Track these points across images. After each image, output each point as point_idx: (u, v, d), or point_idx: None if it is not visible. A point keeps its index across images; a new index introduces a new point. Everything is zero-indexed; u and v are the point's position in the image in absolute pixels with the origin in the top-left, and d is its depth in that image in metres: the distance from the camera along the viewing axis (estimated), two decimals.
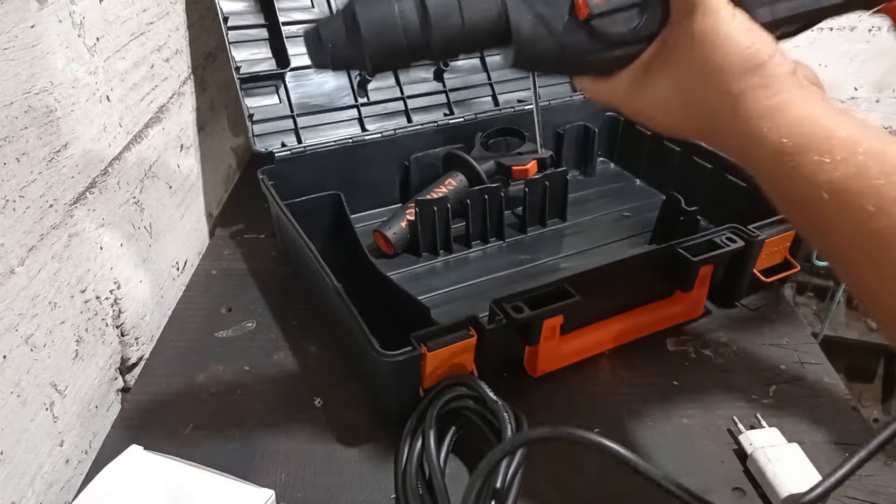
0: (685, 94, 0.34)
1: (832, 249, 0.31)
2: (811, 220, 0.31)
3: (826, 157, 0.29)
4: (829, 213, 0.29)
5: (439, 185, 0.73)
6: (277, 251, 0.72)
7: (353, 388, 0.54)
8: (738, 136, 0.33)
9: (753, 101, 0.32)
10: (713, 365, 0.57)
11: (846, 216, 0.29)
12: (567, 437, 0.38)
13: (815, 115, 0.31)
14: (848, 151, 0.29)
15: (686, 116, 0.35)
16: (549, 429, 0.40)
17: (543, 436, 0.40)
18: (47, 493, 0.44)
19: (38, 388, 0.43)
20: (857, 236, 0.29)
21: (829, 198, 0.29)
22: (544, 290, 0.51)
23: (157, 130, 0.61)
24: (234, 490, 0.41)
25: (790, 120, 0.31)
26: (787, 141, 0.31)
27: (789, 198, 0.32)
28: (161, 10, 0.62)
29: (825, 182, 0.29)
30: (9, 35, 0.39)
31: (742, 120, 0.32)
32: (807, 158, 0.30)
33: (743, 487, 0.46)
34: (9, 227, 0.39)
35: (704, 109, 0.34)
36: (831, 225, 0.30)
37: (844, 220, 0.29)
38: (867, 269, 0.29)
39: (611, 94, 0.38)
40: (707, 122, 0.34)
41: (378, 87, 0.78)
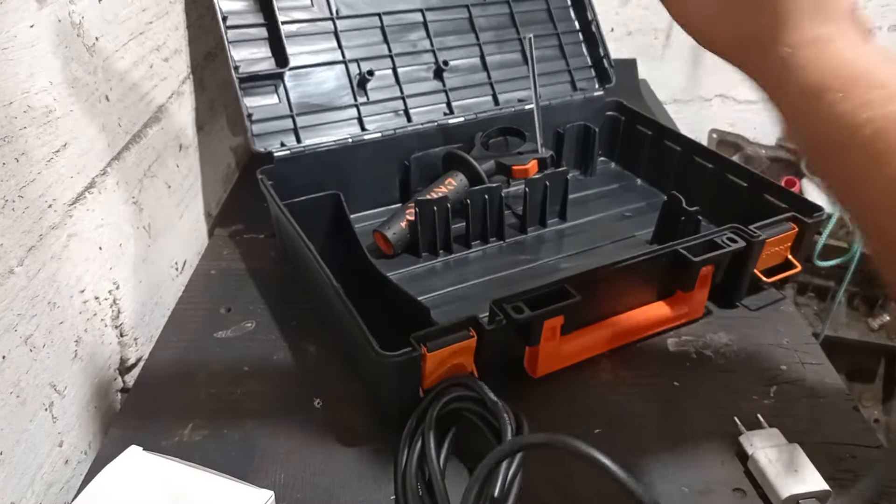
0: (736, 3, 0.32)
1: (859, 201, 0.29)
2: (841, 164, 0.29)
3: (875, 92, 0.27)
4: (866, 157, 0.27)
5: (439, 185, 0.73)
6: (277, 251, 0.72)
7: (353, 388, 0.54)
8: (777, 62, 0.30)
9: (802, 27, 0.30)
10: (714, 365, 0.56)
11: (885, 162, 0.27)
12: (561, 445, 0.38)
13: (865, 52, 0.29)
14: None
15: (727, 27, 0.33)
16: (547, 436, 0.40)
17: (541, 442, 0.40)
18: (47, 494, 0.44)
19: (38, 389, 0.43)
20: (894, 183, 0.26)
21: (870, 136, 0.27)
22: (544, 291, 0.51)
23: (156, 130, 0.61)
24: (233, 490, 0.41)
25: (838, 52, 0.29)
26: (831, 73, 0.28)
27: (821, 138, 0.29)
28: (160, 10, 0.62)
29: (868, 119, 0.27)
30: (8, 35, 0.39)
31: (786, 44, 0.30)
32: (852, 93, 0.28)
33: (743, 488, 0.46)
34: (8, 227, 0.39)
35: (747, 24, 0.32)
36: (864, 171, 0.28)
37: (881, 166, 0.27)
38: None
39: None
40: (746, 41, 0.32)
41: (378, 86, 0.78)
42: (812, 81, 0.29)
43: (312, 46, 0.75)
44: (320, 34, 0.76)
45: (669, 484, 0.46)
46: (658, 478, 0.47)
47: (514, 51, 0.85)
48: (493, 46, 0.84)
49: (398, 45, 0.79)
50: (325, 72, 0.75)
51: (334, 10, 0.76)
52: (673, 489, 0.46)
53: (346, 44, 0.77)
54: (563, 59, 0.87)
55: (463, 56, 0.82)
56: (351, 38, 0.77)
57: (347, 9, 0.77)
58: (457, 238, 0.72)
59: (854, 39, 0.29)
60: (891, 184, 0.27)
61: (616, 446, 0.48)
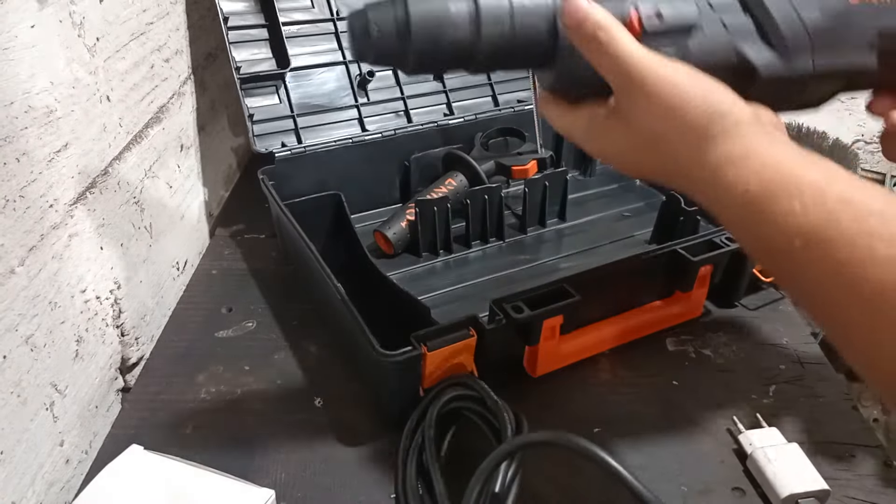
0: (642, 150, 0.34)
1: (810, 301, 0.29)
2: (785, 269, 0.30)
3: (796, 202, 0.28)
4: (803, 261, 0.28)
5: (439, 185, 0.73)
6: (277, 251, 0.72)
7: (353, 388, 0.54)
8: (704, 184, 0.32)
9: (716, 150, 0.31)
10: (713, 365, 0.57)
11: (821, 266, 0.28)
12: (565, 443, 0.38)
13: (782, 160, 0.30)
14: (817, 197, 0.28)
15: (647, 168, 0.35)
16: (549, 434, 0.40)
17: (542, 440, 0.40)
18: (47, 493, 0.44)
19: (39, 388, 0.43)
20: (836, 288, 0.27)
21: (801, 245, 0.28)
22: (544, 290, 0.51)
23: (157, 130, 0.61)
24: (234, 490, 0.41)
25: (756, 166, 0.30)
26: (753, 188, 0.29)
27: (761, 246, 0.30)
28: (161, 11, 0.62)
29: (795, 229, 0.28)
30: (9, 35, 0.39)
31: (706, 169, 0.31)
32: (776, 205, 0.29)
33: (743, 487, 0.46)
34: (9, 227, 0.39)
35: (666, 163, 0.33)
36: (806, 274, 0.28)
37: (819, 269, 0.28)
38: (853, 326, 0.27)
39: (570, 125, 0.38)
40: (670, 175, 0.34)
41: (378, 87, 0.78)
42: (738, 200, 0.30)
43: (313, 47, 0.75)
44: (321, 35, 0.76)
45: (669, 483, 0.46)
46: (658, 477, 0.47)
47: None
48: None
49: None
50: (325, 72, 0.75)
51: (335, 10, 0.77)
52: (672, 488, 0.46)
53: (346, 44, 0.77)
54: None
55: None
56: None
57: (348, 10, 0.77)
58: (457, 238, 0.72)
59: (767, 145, 0.30)
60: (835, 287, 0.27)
61: (615, 445, 0.49)
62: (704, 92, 0.31)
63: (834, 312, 0.28)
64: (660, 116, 0.32)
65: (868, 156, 1.22)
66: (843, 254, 0.27)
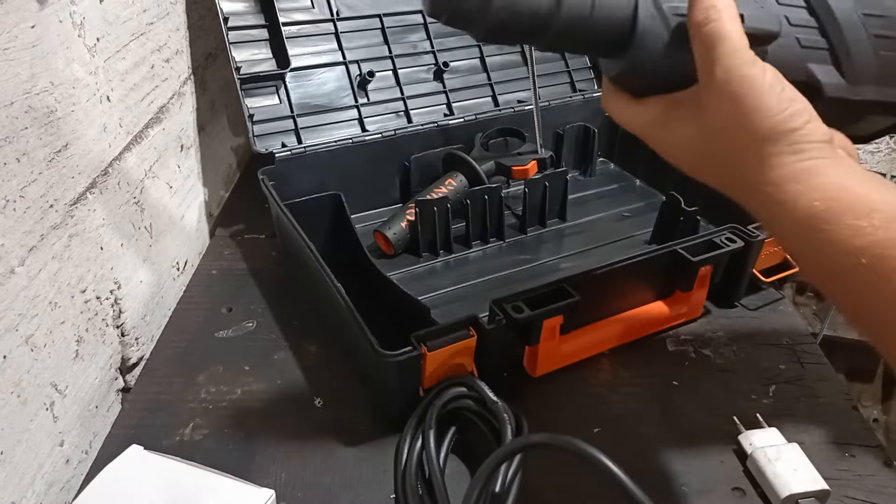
0: (709, 146, 0.33)
1: (870, 322, 0.29)
2: (846, 289, 0.29)
3: (864, 220, 0.28)
4: (867, 281, 0.28)
5: (439, 185, 0.73)
6: (277, 251, 0.72)
7: (353, 388, 0.54)
8: (765, 198, 0.31)
9: (782, 165, 0.30)
10: (713, 365, 0.57)
11: (887, 284, 0.27)
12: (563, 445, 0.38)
13: (850, 180, 0.29)
14: (888, 214, 0.27)
15: (710, 168, 0.34)
16: (548, 436, 0.40)
17: (541, 442, 0.41)
18: (47, 493, 0.44)
19: (39, 388, 0.43)
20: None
21: (868, 264, 0.27)
22: (544, 290, 0.51)
23: (157, 131, 0.61)
24: (234, 490, 0.41)
25: (823, 184, 0.29)
26: (819, 204, 0.29)
27: (822, 266, 0.30)
28: (161, 11, 0.62)
29: (863, 248, 0.27)
30: (9, 35, 0.39)
31: (769, 183, 0.31)
32: (842, 223, 0.28)
33: (743, 487, 0.46)
34: (9, 228, 0.39)
35: (730, 167, 0.33)
36: (868, 294, 0.28)
37: (884, 288, 0.27)
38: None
39: (634, 118, 0.37)
40: (731, 180, 0.33)
41: (378, 87, 0.78)
42: (801, 215, 0.29)
43: (313, 47, 0.75)
44: (321, 35, 0.76)
45: (669, 483, 0.46)
46: (658, 477, 0.47)
47: (513, 52, 0.86)
48: (493, 48, 0.84)
49: (399, 46, 0.79)
50: (325, 73, 0.76)
51: (335, 11, 0.77)
52: (673, 488, 0.46)
53: (346, 45, 0.77)
54: (562, 60, 0.88)
55: (463, 57, 0.83)
56: (352, 39, 0.77)
57: (348, 10, 0.77)
58: (457, 238, 0.72)
59: (835, 166, 0.30)
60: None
61: (615, 445, 0.48)
62: (785, 102, 0.31)
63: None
64: (736, 116, 0.31)
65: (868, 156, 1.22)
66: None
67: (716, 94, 0.31)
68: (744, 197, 0.33)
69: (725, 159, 0.33)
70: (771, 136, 0.30)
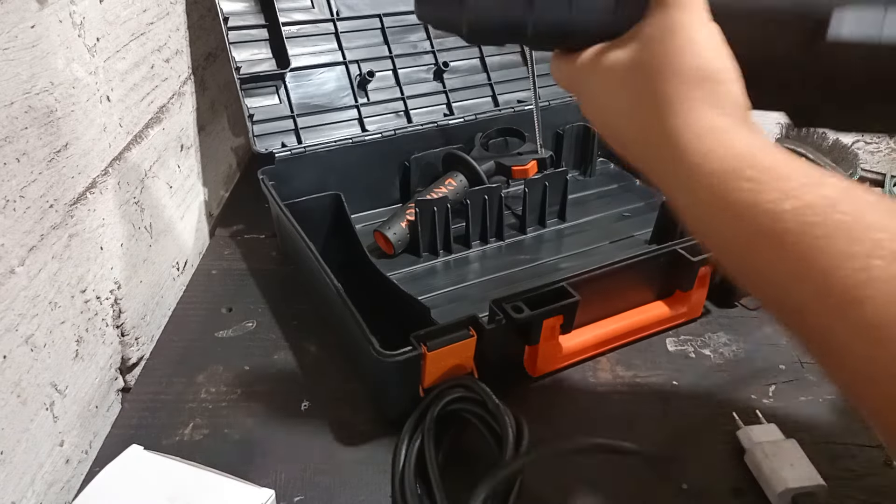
0: (636, 85, 0.32)
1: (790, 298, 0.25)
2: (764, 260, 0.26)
3: (793, 182, 0.25)
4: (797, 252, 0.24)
5: (439, 185, 0.73)
6: (277, 251, 0.72)
7: (354, 388, 0.54)
8: (682, 150, 0.29)
9: (704, 116, 0.29)
10: (713, 365, 0.57)
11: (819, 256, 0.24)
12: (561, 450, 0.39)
13: (764, 143, 0.28)
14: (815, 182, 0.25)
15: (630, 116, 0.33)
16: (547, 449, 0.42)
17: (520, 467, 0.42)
18: (47, 493, 0.44)
19: (39, 388, 0.43)
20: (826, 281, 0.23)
21: (797, 230, 0.24)
22: (544, 290, 0.51)
23: (157, 130, 0.61)
24: (234, 490, 0.41)
25: (744, 141, 0.28)
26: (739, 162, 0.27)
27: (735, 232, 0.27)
28: (161, 11, 0.62)
29: (793, 210, 0.25)
30: (9, 35, 0.39)
31: (690, 132, 0.29)
32: (769, 183, 0.26)
33: (742, 485, 0.46)
34: (9, 228, 0.39)
35: (651, 111, 0.31)
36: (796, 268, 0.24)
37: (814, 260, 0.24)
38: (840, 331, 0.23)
39: (570, 72, 0.36)
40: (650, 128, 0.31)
41: (378, 87, 0.78)
42: (717, 169, 0.27)
43: (313, 47, 0.75)
44: (321, 35, 0.76)
45: (669, 483, 0.46)
46: (657, 476, 0.47)
47: (513, 52, 0.86)
48: (494, 48, 0.84)
49: (398, 46, 0.79)
50: (325, 73, 0.76)
51: (335, 11, 0.77)
52: (673, 487, 0.46)
53: (346, 45, 0.77)
54: None
55: (463, 57, 0.83)
56: (351, 39, 0.77)
57: (348, 10, 0.77)
58: (457, 238, 0.72)
59: (753, 131, 0.29)
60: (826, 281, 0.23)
61: None
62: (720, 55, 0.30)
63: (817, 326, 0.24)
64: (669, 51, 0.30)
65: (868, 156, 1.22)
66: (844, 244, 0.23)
67: (655, 27, 0.31)
68: (658, 156, 0.31)
69: (649, 102, 0.31)
70: (694, 79, 0.29)
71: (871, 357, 0.22)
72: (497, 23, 0.34)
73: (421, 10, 0.36)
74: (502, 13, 0.34)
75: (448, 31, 0.37)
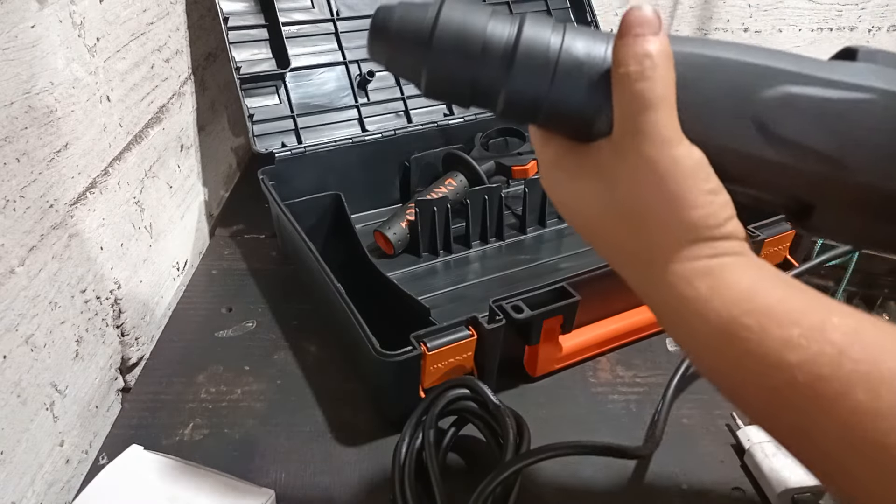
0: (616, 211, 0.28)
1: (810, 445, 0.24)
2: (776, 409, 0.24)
3: (793, 329, 0.24)
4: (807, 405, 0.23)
5: (439, 185, 0.73)
6: (277, 251, 0.72)
7: (353, 388, 0.54)
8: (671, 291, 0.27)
9: (696, 258, 0.26)
10: None
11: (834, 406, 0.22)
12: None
13: (766, 281, 0.26)
14: (812, 324, 0.24)
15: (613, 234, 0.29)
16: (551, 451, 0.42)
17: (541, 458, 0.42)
18: (47, 493, 0.44)
19: (39, 388, 0.43)
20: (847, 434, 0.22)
21: (808, 383, 0.23)
22: (544, 291, 0.51)
23: (157, 130, 0.61)
24: (234, 489, 0.41)
25: (740, 284, 0.26)
26: (740, 309, 0.25)
27: (743, 379, 0.25)
28: (161, 11, 0.62)
29: (800, 362, 0.23)
30: (9, 35, 0.39)
31: (680, 276, 0.26)
32: (768, 333, 0.24)
33: (742, 486, 0.46)
34: (9, 228, 0.39)
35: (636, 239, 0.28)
36: (810, 417, 0.23)
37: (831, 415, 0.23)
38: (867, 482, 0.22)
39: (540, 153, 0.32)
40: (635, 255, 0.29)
41: (378, 87, 0.78)
42: (718, 317, 0.25)
43: (313, 47, 0.75)
44: (321, 35, 0.76)
45: (669, 483, 0.46)
46: (658, 477, 0.47)
47: None
48: None
49: None
50: (325, 73, 0.76)
51: (335, 11, 0.77)
52: (673, 488, 0.46)
53: (346, 45, 0.77)
54: None
55: None
56: (352, 39, 0.77)
57: (348, 10, 0.77)
58: (457, 238, 0.72)
59: (749, 266, 0.26)
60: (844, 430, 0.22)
61: None
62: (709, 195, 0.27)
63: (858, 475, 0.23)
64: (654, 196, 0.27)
65: None
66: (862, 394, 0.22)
67: (633, 167, 0.27)
68: (645, 287, 0.29)
69: (633, 230, 0.28)
70: (689, 227, 0.26)
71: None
72: (464, 80, 0.29)
73: (374, 48, 0.30)
74: (472, 70, 0.28)
75: (404, 78, 0.31)
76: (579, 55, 0.28)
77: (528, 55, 0.28)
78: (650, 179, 0.27)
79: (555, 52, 0.28)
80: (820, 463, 0.24)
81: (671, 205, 0.27)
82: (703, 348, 0.27)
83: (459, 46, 0.28)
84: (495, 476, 0.40)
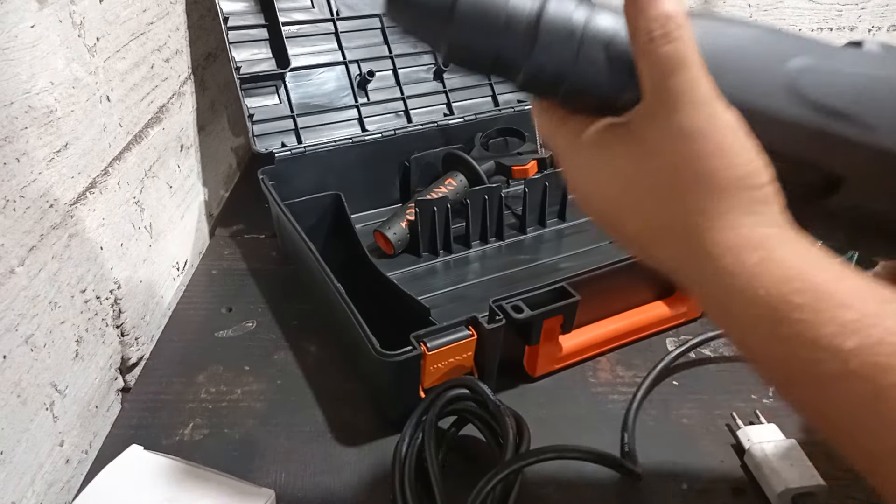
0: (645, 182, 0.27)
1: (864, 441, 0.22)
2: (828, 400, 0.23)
3: (849, 313, 0.22)
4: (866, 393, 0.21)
5: (439, 185, 0.73)
6: (277, 251, 0.72)
7: (353, 388, 0.54)
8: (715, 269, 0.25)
9: (739, 226, 0.25)
10: (712, 365, 0.57)
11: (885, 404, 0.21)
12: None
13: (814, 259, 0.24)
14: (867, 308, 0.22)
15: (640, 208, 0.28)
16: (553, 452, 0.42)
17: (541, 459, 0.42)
18: (47, 493, 0.44)
19: (39, 388, 0.43)
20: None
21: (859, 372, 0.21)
22: (544, 291, 0.51)
23: (157, 130, 0.61)
24: (234, 490, 0.41)
25: (789, 256, 0.24)
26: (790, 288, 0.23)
27: (794, 367, 0.23)
28: (161, 11, 0.62)
29: (857, 348, 0.21)
30: (9, 35, 0.39)
31: (723, 246, 0.25)
32: (822, 315, 0.22)
33: (743, 485, 0.46)
34: (9, 228, 0.39)
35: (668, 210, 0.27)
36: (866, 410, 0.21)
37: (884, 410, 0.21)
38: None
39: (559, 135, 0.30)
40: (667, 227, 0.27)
41: (378, 87, 0.78)
42: (768, 294, 0.23)
43: (313, 47, 0.75)
44: (321, 35, 0.76)
45: (669, 483, 0.46)
46: (658, 477, 0.47)
47: None
48: None
49: (398, 45, 0.79)
50: (325, 73, 0.76)
51: (335, 11, 0.77)
52: (673, 487, 0.46)
53: (346, 45, 0.77)
54: None
55: None
56: (351, 38, 0.77)
57: (348, 10, 0.77)
58: (457, 238, 0.72)
59: (793, 240, 0.25)
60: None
61: (615, 445, 0.49)
62: (751, 153, 0.25)
63: None
64: (690, 157, 0.25)
65: None
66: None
67: (667, 130, 0.26)
68: (685, 263, 0.27)
69: (666, 200, 0.27)
70: (729, 188, 0.25)
71: None
72: (486, 53, 0.29)
73: (394, 13, 0.29)
74: (495, 43, 0.28)
75: (425, 44, 0.31)
76: (605, 28, 0.28)
77: (553, 29, 0.28)
78: (690, 139, 0.25)
79: (580, 26, 0.28)
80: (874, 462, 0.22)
81: (713, 161, 0.25)
82: (748, 330, 0.25)
83: (482, 19, 0.28)
84: (494, 475, 0.40)
